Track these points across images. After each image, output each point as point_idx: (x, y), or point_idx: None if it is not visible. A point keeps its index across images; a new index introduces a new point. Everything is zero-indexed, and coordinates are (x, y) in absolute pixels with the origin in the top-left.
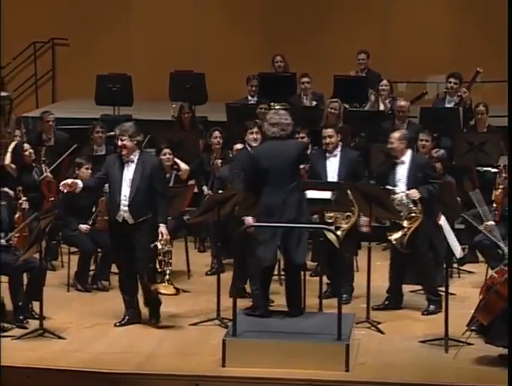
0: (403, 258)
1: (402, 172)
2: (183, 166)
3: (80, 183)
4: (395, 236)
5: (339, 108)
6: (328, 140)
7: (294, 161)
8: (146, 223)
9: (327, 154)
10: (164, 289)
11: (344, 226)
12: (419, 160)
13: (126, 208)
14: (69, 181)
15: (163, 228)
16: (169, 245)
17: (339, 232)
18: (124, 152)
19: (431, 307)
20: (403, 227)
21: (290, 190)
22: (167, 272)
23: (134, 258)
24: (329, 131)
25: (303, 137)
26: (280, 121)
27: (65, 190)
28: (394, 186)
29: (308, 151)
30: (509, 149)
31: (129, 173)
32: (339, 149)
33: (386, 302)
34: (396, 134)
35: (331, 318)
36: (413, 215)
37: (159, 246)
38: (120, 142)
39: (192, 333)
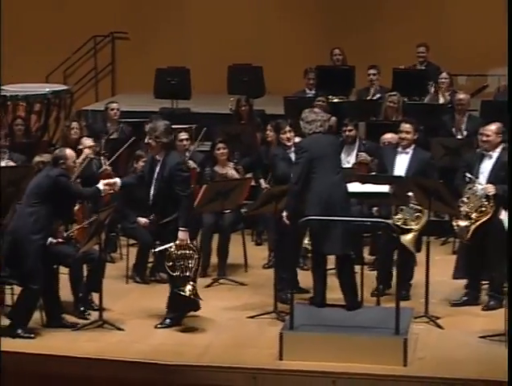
0: (478, 252)
1: (486, 166)
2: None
3: (118, 182)
4: (460, 224)
5: (398, 101)
6: (404, 135)
7: (337, 153)
8: (172, 223)
9: (398, 150)
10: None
11: (415, 227)
12: (506, 158)
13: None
14: (108, 181)
15: (180, 233)
16: (186, 251)
17: (411, 235)
18: (150, 150)
19: (492, 303)
20: (471, 218)
21: (338, 182)
22: (189, 281)
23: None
24: (407, 127)
25: (350, 130)
26: (317, 118)
27: (105, 191)
28: (476, 177)
29: (356, 144)
30: (509, 149)
31: (155, 173)
32: (412, 147)
33: (465, 298)
34: (492, 127)
35: (389, 313)
36: (483, 209)
37: (172, 249)
38: (146, 140)
39: (249, 326)
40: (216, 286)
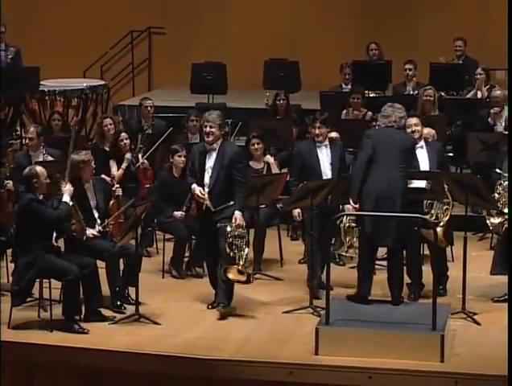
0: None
1: None
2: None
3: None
4: (493, 221)
5: (433, 95)
6: (414, 128)
7: (402, 150)
8: (228, 209)
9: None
10: (233, 274)
11: (444, 219)
12: None
13: (207, 196)
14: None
15: (237, 214)
16: (241, 230)
17: (439, 229)
18: (210, 138)
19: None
20: (504, 214)
21: (396, 177)
22: (240, 257)
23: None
24: (414, 120)
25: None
26: (393, 114)
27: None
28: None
29: None
30: (509, 149)
31: (210, 161)
32: (422, 140)
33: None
34: None
35: (426, 308)
36: None
37: (229, 229)
38: (208, 129)
39: (285, 321)
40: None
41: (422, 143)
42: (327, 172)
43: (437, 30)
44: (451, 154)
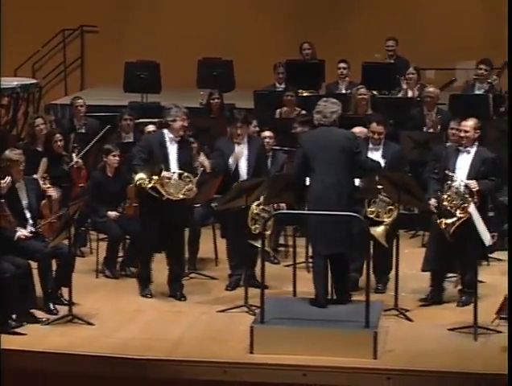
0: (448, 249)
1: (464, 161)
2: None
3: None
4: (447, 222)
5: (366, 94)
6: (376, 136)
7: (340, 148)
8: None
9: (370, 146)
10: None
11: (387, 220)
12: (486, 154)
13: None
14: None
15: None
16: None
17: (382, 227)
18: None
19: (464, 298)
20: (455, 216)
21: (335, 177)
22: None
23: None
24: (379, 128)
25: (295, 127)
26: (324, 109)
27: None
28: (453, 172)
29: None
30: (509, 149)
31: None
32: (382, 141)
33: (430, 296)
34: (470, 122)
35: (359, 306)
36: (466, 205)
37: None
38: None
39: (220, 320)
40: (186, 280)
41: (379, 145)
42: (243, 169)
43: (369, 30)
44: None
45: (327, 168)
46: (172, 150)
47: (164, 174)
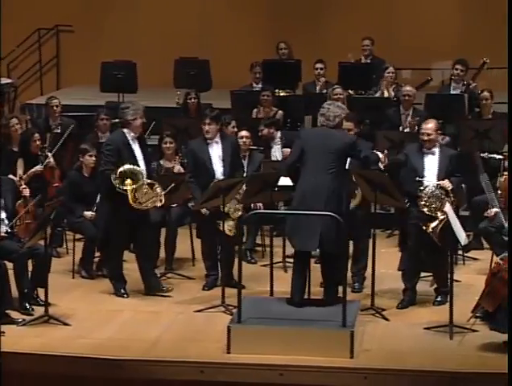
0: (419, 252)
1: (431, 162)
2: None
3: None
4: (432, 225)
5: (342, 93)
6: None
7: (335, 150)
8: None
9: None
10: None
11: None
12: (449, 152)
13: None
14: None
15: None
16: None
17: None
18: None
19: (440, 297)
20: (437, 218)
21: (325, 178)
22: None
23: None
24: (348, 125)
25: (262, 130)
26: (327, 112)
27: None
28: (422, 176)
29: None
30: (509, 147)
31: (218, 152)
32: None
33: (405, 301)
34: (431, 125)
35: (336, 305)
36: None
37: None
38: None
39: (197, 319)
40: (163, 280)
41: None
42: (218, 168)
43: (345, 30)
44: None
45: (320, 167)
46: (136, 149)
47: (146, 180)
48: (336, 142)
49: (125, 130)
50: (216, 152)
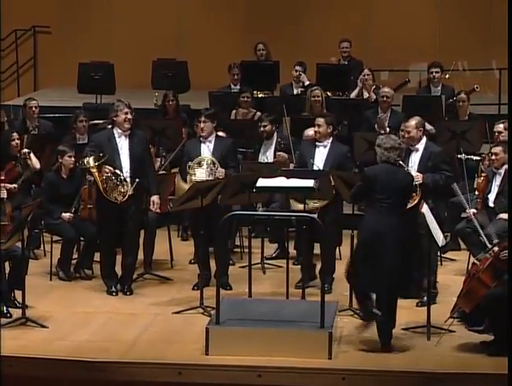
0: None
1: (414, 159)
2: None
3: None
4: None
5: (321, 95)
6: (316, 128)
7: (403, 190)
8: None
9: (317, 143)
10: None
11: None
12: (433, 148)
13: None
14: None
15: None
16: None
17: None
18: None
19: (425, 299)
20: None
21: (396, 217)
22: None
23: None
24: (319, 120)
25: (265, 126)
26: (395, 146)
27: None
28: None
29: (274, 140)
30: (509, 146)
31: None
32: (330, 140)
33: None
34: (412, 122)
35: (314, 306)
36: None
37: None
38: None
39: (175, 321)
40: (141, 282)
41: (326, 143)
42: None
43: (323, 32)
44: None
45: (387, 209)
46: (123, 145)
47: (108, 167)
48: (405, 181)
49: (114, 128)
50: (207, 152)
